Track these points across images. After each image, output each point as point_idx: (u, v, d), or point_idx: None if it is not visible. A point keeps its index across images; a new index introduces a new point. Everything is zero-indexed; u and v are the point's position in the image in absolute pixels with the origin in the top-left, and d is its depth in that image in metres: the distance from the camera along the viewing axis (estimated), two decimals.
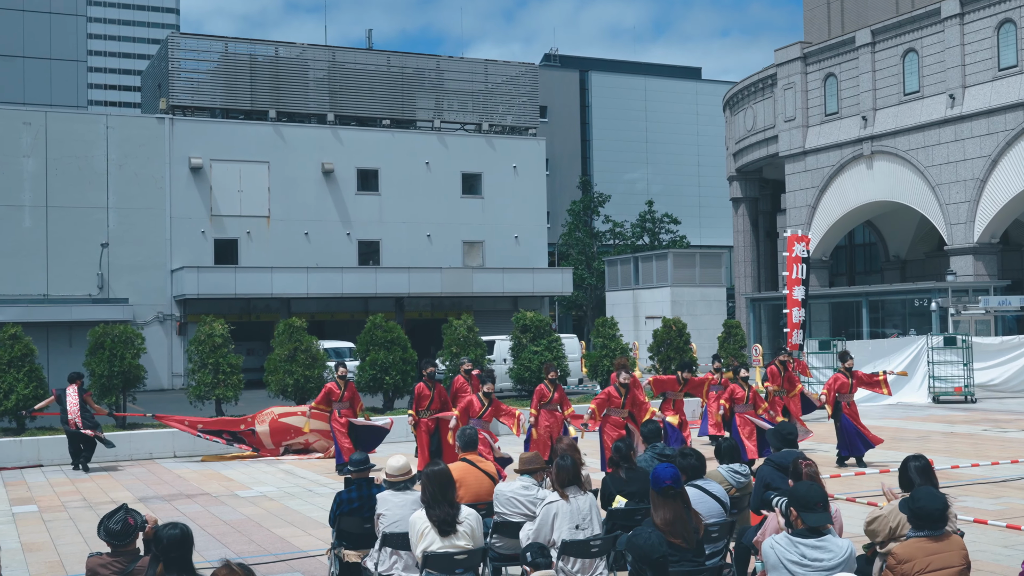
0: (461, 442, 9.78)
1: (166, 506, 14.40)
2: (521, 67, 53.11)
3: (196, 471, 18.01)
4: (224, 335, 22.65)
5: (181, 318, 43.51)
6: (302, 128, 47.18)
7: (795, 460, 7.67)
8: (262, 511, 13.89)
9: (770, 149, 52.45)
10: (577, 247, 63.32)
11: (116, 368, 21.11)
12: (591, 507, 7.82)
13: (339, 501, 8.91)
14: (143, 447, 19.93)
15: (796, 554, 6.03)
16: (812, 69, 49.38)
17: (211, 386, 22.12)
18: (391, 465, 8.43)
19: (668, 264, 45.31)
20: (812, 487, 6.36)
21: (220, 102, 46.49)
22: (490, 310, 47.77)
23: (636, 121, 77.78)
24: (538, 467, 8.66)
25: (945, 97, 42.44)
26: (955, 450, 18.37)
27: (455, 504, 7.45)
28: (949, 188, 42.18)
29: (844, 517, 7.84)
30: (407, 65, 50.25)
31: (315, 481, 16.50)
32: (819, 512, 6.16)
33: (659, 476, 6.67)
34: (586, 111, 76.88)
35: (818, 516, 6.15)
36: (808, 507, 6.19)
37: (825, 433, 20.70)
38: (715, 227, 76.98)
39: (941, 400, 28.46)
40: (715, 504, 8.03)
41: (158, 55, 49.77)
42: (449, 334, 24.77)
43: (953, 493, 12.23)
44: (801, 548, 6.05)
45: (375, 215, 47.88)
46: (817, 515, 6.16)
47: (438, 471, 7.55)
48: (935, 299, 38.21)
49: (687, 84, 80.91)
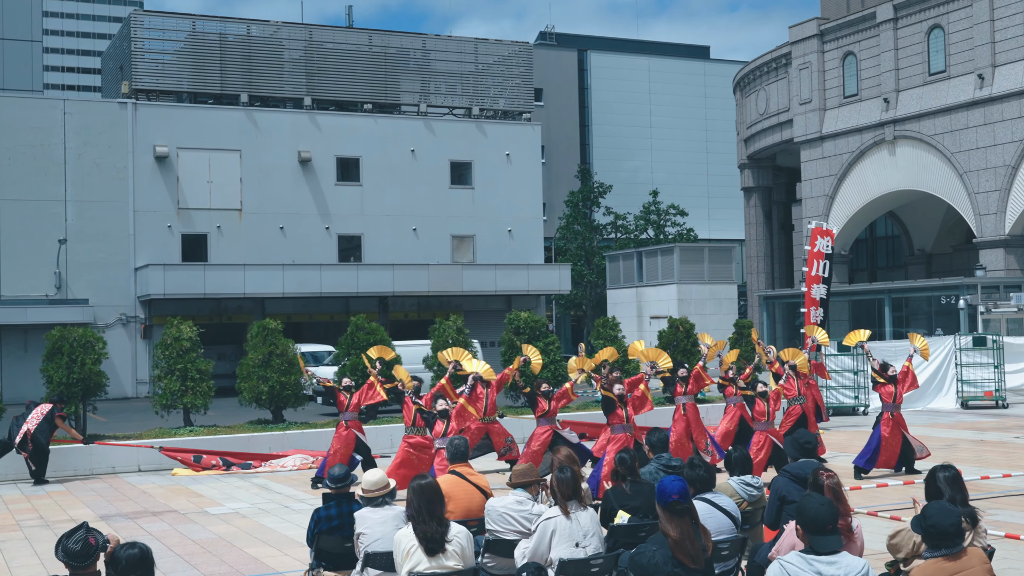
0: (450, 453, 9.77)
1: (130, 524, 14.37)
2: (514, 46, 53.08)
3: (162, 486, 17.98)
4: (193, 338, 22.61)
5: (146, 320, 43.43)
6: (277, 113, 47.11)
7: (815, 471, 7.65)
8: (234, 529, 13.86)
9: (784, 134, 52.50)
10: (575, 241, 63.36)
11: (75, 375, 21.05)
12: (592, 523, 7.81)
13: (317, 518, 8.90)
14: (105, 460, 19.87)
15: (812, 573, 5.98)
16: (829, 47, 49.43)
17: (178, 394, 22.08)
18: (367, 480, 8.44)
19: (674, 259, 45.32)
20: (823, 506, 6.26)
21: (187, 85, 46.39)
22: (481, 310, 47.77)
23: (639, 105, 77.77)
24: (533, 480, 8.66)
25: (974, 77, 42.51)
26: (985, 459, 18.40)
27: (444, 521, 7.44)
28: (978, 176, 42.25)
29: (866, 532, 7.84)
30: (390, 44, 50.19)
31: (291, 496, 16.49)
32: (828, 535, 6.12)
33: (665, 489, 6.66)
34: (585, 94, 76.84)
35: (827, 540, 6.10)
36: (817, 529, 6.15)
37: (845, 442, 20.73)
38: (725, 219, 77.05)
39: (970, 405, 28.52)
40: (725, 519, 8.03)
41: (120, 34, 49.66)
42: (437, 336, 24.76)
43: (983, 506, 12.24)
44: (817, 566, 5.99)
45: (356, 207, 47.84)
46: (826, 539, 6.11)
47: (425, 485, 7.54)
48: (963, 296, 38.28)
49: (694, 64, 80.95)
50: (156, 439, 20.57)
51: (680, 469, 8.71)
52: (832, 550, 6.08)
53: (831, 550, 6.07)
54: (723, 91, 74.53)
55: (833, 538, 6.14)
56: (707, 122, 79.37)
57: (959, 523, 6.36)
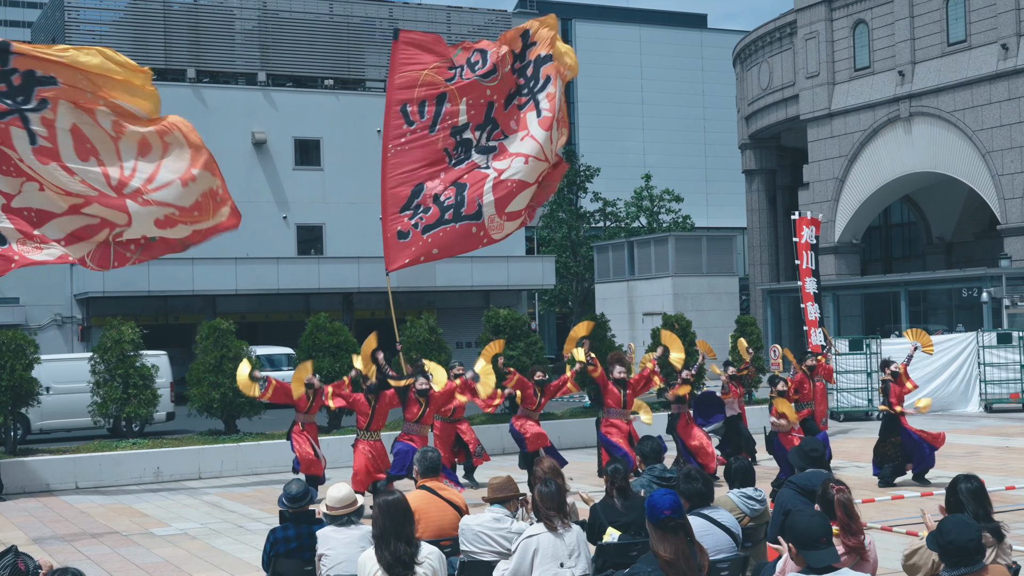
0: (421, 466, 9.76)
1: (66, 548, 14.32)
2: (491, 15, 53.04)
3: (103, 505, 17.93)
4: (135, 340, 22.54)
5: (84, 321, 43.24)
6: (227, 90, 46.93)
7: (824, 483, 7.67)
8: (183, 552, 13.83)
9: (789, 111, 52.66)
10: (560, 231, 63.37)
11: (4, 382, 20.91)
12: (578, 541, 7.81)
13: (274, 540, 8.90)
14: (38, 477, 19.79)
15: None
16: (839, 15, 49.61)
17: (120, 402, 22.01)
18: (332, 496, 8.43)
19: (669, 250, 45.42)
20: (812, 518, 6.33)
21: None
22: (457, 307, 47.75)
23: (630, 79, 77.85)
24: (512, 495, 8.65)
25: (996, 47, 42.73)
26: (1010, 468, 18.51)
27: (413, 541, 7.43)
28: (1002, 156, 42.48)
29: (880, 550, 7.87)
30: (353, 13, 50.09)
31: (246, 516, 16.46)
32: (822, 549, 6.16)
33: (656, 504, 6.66)
34: None
35: (822, 555, 6.15)
36: (810, 543, 6.18)
37: (856, 451, 20.83)
38: (725, 205, 77.25)
39: (994, 409, 28.69)
40: (724, 536, 8.05)
41: (52, 3, 49.40)
42: (407, 336, 24.72)
43: (1009, 519, 12.31)
44: None
45: (317, 194, 47.72)
46: (820, 553, 6.16)
47: (392, 501, 7.52)
48: (986, 288, 38.50)
49: (690, 34, 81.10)
50: (95, 453, 20.50)
51: (674, 481, 8.72)
52: (828, 565, 6.13)
53: (827, 565, 6.12)
54: (722, 64, 74.67)
55: (828, 551, 6.19)
56: (704, 98, 79.54)
57: (979, 538, 6.39)
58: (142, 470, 20.37)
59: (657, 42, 79.16)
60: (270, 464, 21.04)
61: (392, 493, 7.76)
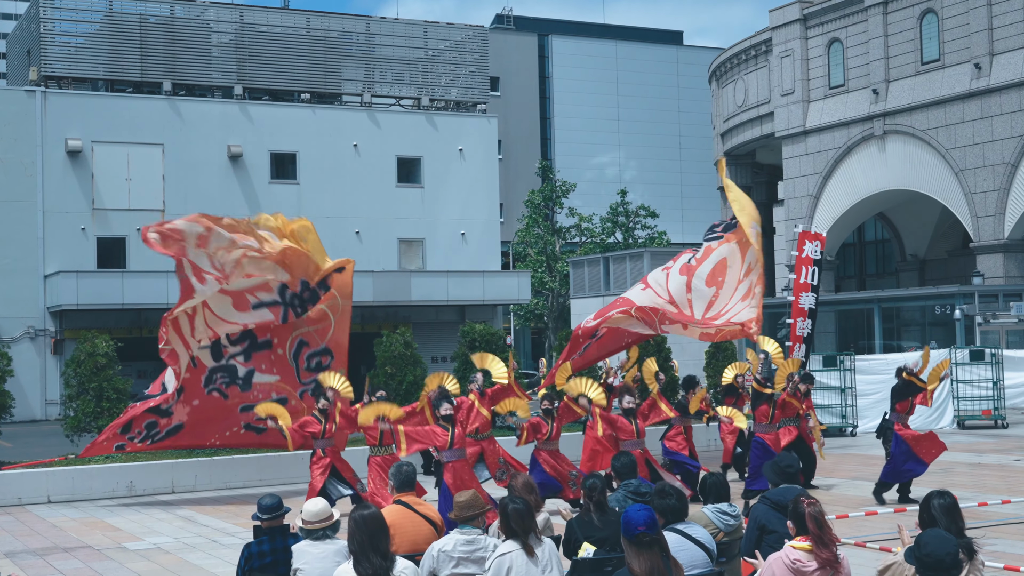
0: (396, 481, 9.75)
1: (38, 562, 14.24)
2: (468, 30, 53.15)
3: (75, 519, 17.82)
4: (109, 354, 22.40)
5: (57, 334, 43.01)
6: (204, 103, 46.86)
7: (796, 499, 7.71)
8: (156, 567, 13.77)
9: (764, 128, 52.92)
10: (536, 246, 63.44)
11: None
12: (550, 555, 7.81)
13: (248, 555, 8.89)
14: (9, 491, 19.64)
15: None
16: (813, 33, 49.92)
17: (93, 416, 21.87)
18: (308, 510, 8.41)
19: (644, 265, 45.37)
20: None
21: (103, 72, 46.05)
22: (432, 322, 47.73)
23: (606, 95, 78.05)
24: (478, 512, 8.55)
25: (970, 67, 43.07)
26: (983, 484, 18.61)
27: (388, 555, 7.43)
28: (975, 174, 42.78)
29: (853, 566, 7.91)
30: (330, 27, 50.11)
31: (220, 530, 16.39)
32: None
33: (631, 520, 6.68)
34: (546, 83, 77.03)
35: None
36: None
37: (831, 467, 20.89)
38: (700, 221, 77.25)
39: (967, 425, 28.81)
40: (699, 552, 8.07)
41: (27, 14, 49.22)
42: (382, 351, 24.70)
43: (980, 535, 12.38)
44: None
45: (293, 208, 47.56)
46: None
47: (368, 515, 7.52)
48: (959, 305, 38.69)
49: (666, 50, 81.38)
50: (68, 466, 20.38)
51: (648, 497, 8.74)
52: None
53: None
54: (698, 80, 75.02)
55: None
56: (680, 115, 79.80)
57: (956, 552, 6.45)
58: (115, 484, 20.24)
59: (633, 58, 79.40)
60: (244, 478, 20.95)
61: (368, 507, 7.76)
